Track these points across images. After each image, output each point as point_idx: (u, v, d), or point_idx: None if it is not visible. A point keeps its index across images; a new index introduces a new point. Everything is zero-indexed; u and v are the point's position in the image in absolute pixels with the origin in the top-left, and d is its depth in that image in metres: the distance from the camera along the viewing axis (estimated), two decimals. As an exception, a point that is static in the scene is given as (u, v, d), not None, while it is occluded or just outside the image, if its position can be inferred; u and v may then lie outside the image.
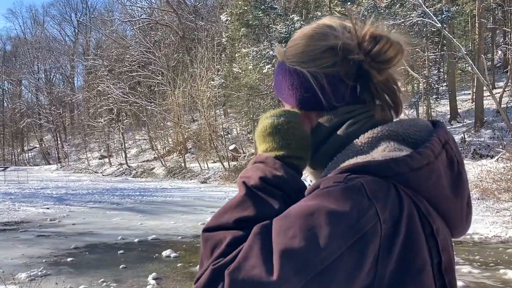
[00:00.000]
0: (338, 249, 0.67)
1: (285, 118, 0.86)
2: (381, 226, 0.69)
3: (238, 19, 26.68)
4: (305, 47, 0.88)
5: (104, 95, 43.30)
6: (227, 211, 0.78)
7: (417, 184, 0.75)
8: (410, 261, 0.72)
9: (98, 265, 7.83)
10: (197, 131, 33.86)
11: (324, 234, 0.67)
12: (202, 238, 0.78)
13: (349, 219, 0.68)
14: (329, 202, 0.69)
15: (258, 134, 0.88)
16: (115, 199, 18.83)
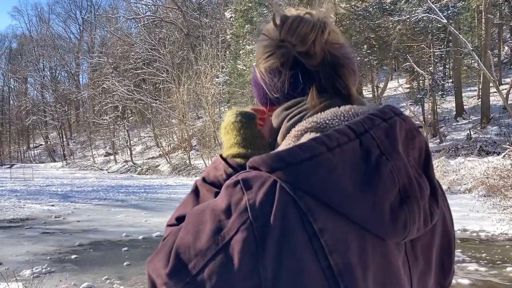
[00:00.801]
0: (209, 244, 0.70)
1: (241, 118, 0.91)
2: (252, 223, 0.67)
3: (243, 16, 26.62)
4: (259, 47, 0.90)
5: (109, 92, 43.39)
6: (177, 209, 0.87)
7: (296, 180, 0.68)
8: (286, 261, 0.66)
9: (102, 262, 7.82)
10: (202, 128, 33.85)
11: (201, 229, 0.72)
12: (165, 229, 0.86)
13: (217, 210, 0.71)
14: (225, 196, 0.72)
15: (221, 133, 0.94)
16: (120, 196, 18.85)
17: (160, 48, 39.35)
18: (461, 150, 18.54)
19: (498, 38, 27.30)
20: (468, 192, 14.42)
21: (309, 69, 0.83)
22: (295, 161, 0.69)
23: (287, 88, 0.84)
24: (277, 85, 0.85)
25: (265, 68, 0.87)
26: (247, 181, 0.70)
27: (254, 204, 0.68)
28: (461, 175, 15.53)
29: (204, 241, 0.70)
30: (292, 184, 0.68)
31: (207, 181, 0.87)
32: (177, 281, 0.71)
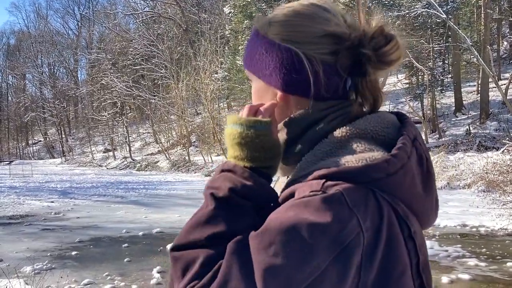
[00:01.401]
0: (322, 264, 0.65)
1: (255, 131, 0.78)
2: (363, 235, 0.67)
3: (241, 11, 26.57)
4: (299, 26, 0.81)
5: (107, 88, 43.32)
6: (196, 226, 0.73)
7: (393, 188, 0.72)
8: (391, 267, 0.70)
9: (103, 259, 7.82)
10: (201, 124, 33.84)
11: (307, 249, 0.64)
12: (170, 257, 0.73)
13: (331, 231, 0.65)
14: (309, 214, 0.66)
15: (226, 138, 0.81)
16: (120, 192, 18.86)
17: (159, 44, 39.26)
18: (460, 145, 18.56)
19: (497, 33, 27.28)
20: (467, 187, 14.44)
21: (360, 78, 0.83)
22: (393, 171, 0.71)
23: (333, 84, 0.81)
24: (324, 80, 0.80)
25: (322, 59, 0.79)
26: (350, 195, 0.68)
27: (364, 218, 0.67)
28: (461, 170, 15.55)
29: (307, 259, 0.64)
30: (390, 193, 0.71)
31: (238, 194, 0.74)
32: None
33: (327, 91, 0.80)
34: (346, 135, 0.77)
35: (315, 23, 0.81)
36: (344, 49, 0.80)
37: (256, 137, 0.77)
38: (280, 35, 0.81)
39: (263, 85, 0.85)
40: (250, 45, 0.87)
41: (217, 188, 0.75)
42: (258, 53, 0.84)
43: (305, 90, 0.81)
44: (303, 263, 0.64)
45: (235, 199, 0.74)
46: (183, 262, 0.70)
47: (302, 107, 0.82)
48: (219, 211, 0.73)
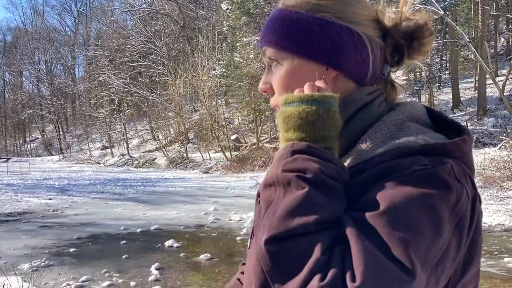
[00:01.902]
0: (448, 235, 0.66)
1: (330, 107, 0.72)
2: (469, 207, 0.69)
3: (239, 7, 26.51)
4: (353, 7, 0.81)
5: (105, 85, 43.21)
6: (293, 213, 0.64)
7: (470, 165, 0.76)
8: (478, 237, 0.73)
9: (101, 256, 7.82)
10: (199, 121, 33.81)
11: (437, 222, 0.64)
12: (266, 251, 0.63)
13: (451, 202, 0.66)
14: (429, 188, 0.66)
15: (291, 118, 0.73)
16: (117, 189, 18.83)
17: (156, 40, 39.17)
18: (457, 141, 18.56)
19: (495, 30, 27.29)
20: (464, 183, 14.47)
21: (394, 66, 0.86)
22: (469, 151, 0.77)
23: (378, 70, 0.83)
24: (377, 61, 0.82)
25: (372, 37, 0.81)
26: (455, 168, 0.70)
27: (468, 191, 0.70)
28: (458, 166, 15.58)
29: (440, 232, 0.65)
30: (467, 166, 0.74)
31: (328, 176, 0.68)
32: (425, 273, 0.63)
33: (375, 74, 0.82)
34: (400, 119, 0.79)
35: (365, 6, 0.82)
36: (390, 35, 0.82)
37: (333, 114, 0.73)
38: (333, 14, 0.80)
39: (307, 65, 0.80)
40: (286, 21, 0.81)
41: (302, 170, 0.67)
42: (306, 30, 0.80)
43: (359, 71, 0.80)
44: (437, 236, 0.64)
45: (328, 181, 0.68)
46: (291, 255, 0.62)
47: (347, 89, 0.81)
48: (315, 193, 0.66)
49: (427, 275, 0.63)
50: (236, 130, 33.14)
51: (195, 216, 11.50)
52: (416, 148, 0.71)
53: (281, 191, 0.67)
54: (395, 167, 0.69)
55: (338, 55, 0.79)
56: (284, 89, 0.81)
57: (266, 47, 0.85)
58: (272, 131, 31.49)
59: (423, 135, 0.74)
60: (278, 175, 0.69)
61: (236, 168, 25.26)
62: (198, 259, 7.38)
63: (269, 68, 0.86)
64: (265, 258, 0.63)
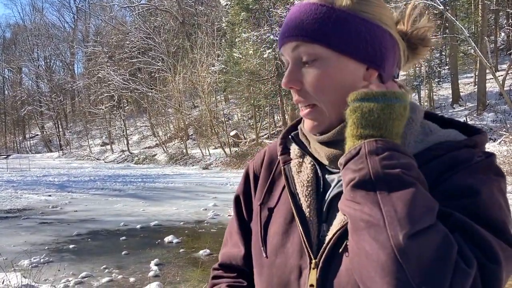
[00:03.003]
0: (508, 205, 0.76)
1: (406, 104, 0.76)
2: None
3: (238, 3, 26.41)
4: (385, 9, 0.83)
5: (104, 82, 43.18)
6: (421, 211, 0.66)
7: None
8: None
9: (100, 252, 7.83)
10: (198, 117, 33.79)
11: (508, 203, 0.76)
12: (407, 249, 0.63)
13: (505, 186, 0.78)
14: (493, 175, 0.77)
15: (375, 114, 0.73)
16: (117, 185, 18.84)
17: (155, 36, 39.10)
18: (457, 137, 18.55)
19: (495, 24, 27.20)
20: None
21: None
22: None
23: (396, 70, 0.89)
24: (400, 62, 0.89)
25: (399, 38, 0.87)
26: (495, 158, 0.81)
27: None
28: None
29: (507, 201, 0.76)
30: None
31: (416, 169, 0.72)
32: None
33: (398, 73, 0.89)
34: (421, 117, 0.85)
35: (388, 10, 0.85)
36: (406, 40, 0.87)
37: (407, 111, 0.77)
38: (373, 16, 0.81)
39: (349, 63, 0.81)
40: (330, 17, 0.80)
41: (406, 167, 0.70)
42: (354, 30, 0.80)
43: (391, 72, 0.86)
44: (509, 207, 0.75)
45: (422, 175, 0.72)
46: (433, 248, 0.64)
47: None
48: (422, 188, 0.69)
49: None
50: (235, 126, 33.14)
51: (195, 212, 11.50)
52: (463, 142, 0.79)
53: (386, 188, 0.68)
54: (457, 158, 0.76)
55: (382, 56, 0.82)
56: (324, 87, 0.81)
57: (301, 42, 0.82)
58: (272, 127, 31.47)
59: (451, 131, 0.83)
60: (379, 172, 0.69)
61: (235, 164, 25.26)
62: (198, 255, 7.39)
63: (296, 64, 0.84)
64: (405, 256, 0.63)
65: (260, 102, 27.85)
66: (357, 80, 0.81)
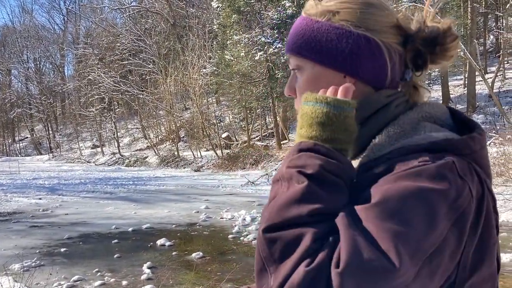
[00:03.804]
0: (444, 229, 0.67)
1: (343, 112, 0.76)
2: (473, 203, 0.71)
3: (229, 5, 26.43)
4: (372, 15, 0.83)
5: (95, 84, 42.88)
6: (291, 204, 0.69)
7: (482, 163, 0.78)
8: (488, 237, 0.74)
9: (92, 255, 7.79)
10: (190, 120, 33.71)
11: (430, 216, 0.66)
12: (263, 238, 0.68)
13: (449, 198, 0.68)
14: (426, 182, 0.68)
15: (304, 116, 0.78)
16: (108, 188, 18.74)
17: (146, 38, 38.96)
18: (447, 138, 18.70)
19: (484, 27, 27.50)
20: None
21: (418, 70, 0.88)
22: (482, 145, 0.79)
23: (398, 75, 0.86)
24: (396, 67, 0.85)
25: (390, 44, 0.83)
26: (459, 164, 0.72)
27: (473, 187, 0.71)
28: (448, 163, 15.70)
29: (433, 225, 0.66)
30: (480, 167, 0.76)
31: (328, 171, 0.72)
32: (414, 265, 0.64)
33: (398, 79, 0.86)
34: (416, 119, 0.82)
35: (385, 14, 0.84)
36: (410, 42, 0.84)
37: (344, 118, 0.76)
38: (352, 23, 0.82)
39: (325, 72, 0.84)
40: (307, 30, 0.85)
41: (303, 166, 0.72)
42: (324, 40, 0.83)
43: (377, 77, 0.83)
44: (429, 229, 0.65)
45: (328, 176, 0.71)
46: (284, 242, 0.67)
47: (365, 93, 0.84)
48: (314, 188, 0.70)
49: (417, 267, 0.64)
50: (227, 128, 33.11)
51: (187, 214, 11.48)
52: (423, 146, 0.74)
53: (285, 185, 0.72)
54: (398, 163, 0.72)
55: (355, 63, 0.82)
56: (303, 93, 0.85)
57: (289, 55, 0.88)
58: (263, 129, 31.50)
59: (436, 133, 0.77)
60: (283, 171, 0.74)
61: (227, 166, 25.23)
62: (190, 258, 7.38)
63: (293, 73, 0.90)
64: (263, 245, 0.68)
65: (251, 104, 27.87)
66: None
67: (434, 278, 0.67)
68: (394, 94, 0.85)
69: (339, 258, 0.63)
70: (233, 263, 7.02)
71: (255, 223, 9.88)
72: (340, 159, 0.74)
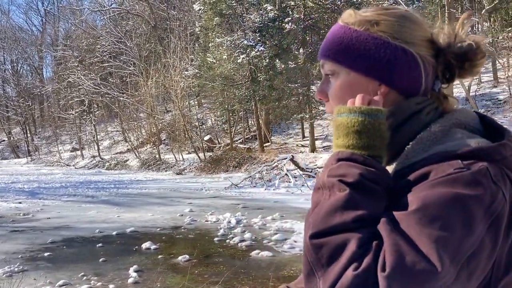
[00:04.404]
0: (481, 233, 0.71)
1: (376, 119, 0.81)
2: (506, 207, 0.75)
3: (211, 8, 26.45)
4: (409, 28, 0.88)
5: (74, 86, 42.37)
6: (335, 212, 0.74)
7: (509, 166, 0.80)
8: None
9: (77, 259, 7.72)
10: (171, 122, 33.55)
11: (468, 221, 0.70)
12: (310, 244, 0.73)
13: (485, 202, 0.72)
14: (462, 188, 0.72)
15: (340, 127, 0.83)
16: (90, 192, 18.54)
17: (127, 40, 38.73)
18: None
19: (461, 32, 28.07)
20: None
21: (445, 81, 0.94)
22: (509, 155, 0.81)
23: (430, 84, 0.91)
24: (429, 78, 0.89)
25: (425, 56, 0.88)
26: (492, 170, 0.76)
27: (505, 192, 0.75)
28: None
29: (471, 229, 0.70)
30: (509, 169, 0.79)
31: (368, 179, 0.77)
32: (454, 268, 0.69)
33: (426, 89, 0.90)
34: (448, 125, 0.85)
35: (420, 28, 0.90)
36: (442, 55, 0.90)
37: (378, 125, 0.81)
38: (390, 34, 0.87)
39: (361, 79, 0.89)
40: (344, 38, 0.90)
41: (344, 176, 0.77)
42: (363, 48, 0.88)
43: (410, 87, 0.88)
44: (467, 233, 0.70)
45: (367, 184, 0.76)
46: (331, 248, 0.71)
47: (396, 101, 0.89)
48: (355, 195, 0.74)
49: (456, 269, 0.69)
50: (209, 131, 33.06)
51: (171, 217, 11.45)
52: (455, 153, 0.78)
53: (327, 193, 0.77)
54: (433, 170, 0.76)
55: (391, 73, 0.87)
56: (338, 99, 0.91)
57: (324, 60, 0.93)
58: (246, 132, 31.55)
59: (468, 140, 0.81)
60: (324, 180, 0.79)
61: (209, 169, 25.21)
62: (177, 261, 7.38)
63: (326, 78, 0.94)
64: (310, 250, 0.73)
65: (234, 106, 27.90)
66: (367, 93, 0.87)
67: (472, 278, 0.72)
68: (424, 102, 0.89)
69: (384, 262, 0.68)
70: (220, 266, 7.06)
71: (240, 226, 9.93)
72: (378, 167, 0.79)
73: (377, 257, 0.69)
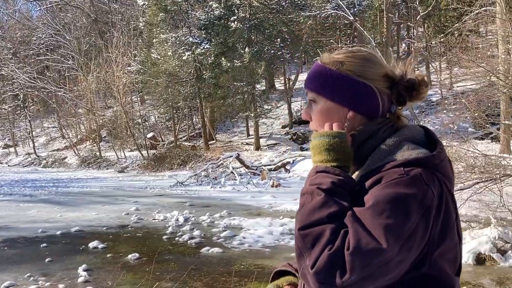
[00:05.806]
0: (416, 219, 0.99)
1: (339, 139, 1.11)
2: (435, 200, 1.02)
3: (156, 3, 26.05)
4: (369, 68, 1.16)
5: (8, 79, 40.21)
6: (314, 210, 1.02)
7: (443, 171, 1.08)
8: (448, 219, 1.06)
9: (21, 260, 7.49)
10: (113, 119, 32.69)
11: (406, 212, 0.99)
12: (299, 235, 1.01)
13: (419, 198, 1.00)
14: (403, 189, 1.00)
15: (316, 147, 1.13)
16: (27, 190, 17.82)
17: (66, 33, 37.27)
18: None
19: (397, 36, 29.49)
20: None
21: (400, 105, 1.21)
22: (441, 159, 1.08)
23: (386, 109, 1.18)
24: (386, 106, 1.17)
25: (384, 92, 1.16)
26: (424, 175, 1.02)
27: (434, 190, 1.02)
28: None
29: (409, 217, 0.97)
30: (441, 173, 1.06)
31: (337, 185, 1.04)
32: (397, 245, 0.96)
33: (386, 113, 1.18)
34: (399, 140, 1.12)
35: (378, 66, 1.18)
36: (395, 87, 1.18)
37: (341, 143, 1.11)
38: (354, 72, 1.15)
39: (334, 106, 1.17)
40: (322, 75, 1.18)
41: (320, 184, 1.06)
42: (335, 83, 1.16)
43: (371, 111, 1.16)
44: (406, 221, 0.98)
45: (338, 189, 1.04)
46: (313, 236, 0.99)
47: (362, 123, 1.16)
48: (329, 198, 1.03)
49: (399, 246, 0.97)
50: (152, 128, 32.58)
51: (116, 216, 11.30)
52: (400, 162, 1.06)
53: (309, 197, 1.07)
54: (384, 175, 1.04)
55: (356, 102, 1.16)
56: (318, 120, 1.21)
57: (308, 90, 1.22)
58: (190, 129, 31.38)
59: (412, 151, 1.09)
60: (307, 187, 1.08)
61: (153, 167, 24.90)
62: (127, 259, 7.36)
63: (310, 103, 1.23)
64: (299, 238, 1.03)
65: (179, 104, 27.66)
66: (341, 118, 1.16)
67: (411, 251, 0.99)
68: (382, 122, 1.17)
69: (349, 244, 0.96)
70: (171, 263, 7.13)
71: (188, 223, 10.00)
72: (344, 176, 1.07)
73: (344, 241, 0.96)
